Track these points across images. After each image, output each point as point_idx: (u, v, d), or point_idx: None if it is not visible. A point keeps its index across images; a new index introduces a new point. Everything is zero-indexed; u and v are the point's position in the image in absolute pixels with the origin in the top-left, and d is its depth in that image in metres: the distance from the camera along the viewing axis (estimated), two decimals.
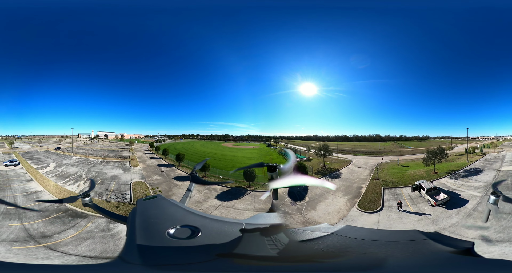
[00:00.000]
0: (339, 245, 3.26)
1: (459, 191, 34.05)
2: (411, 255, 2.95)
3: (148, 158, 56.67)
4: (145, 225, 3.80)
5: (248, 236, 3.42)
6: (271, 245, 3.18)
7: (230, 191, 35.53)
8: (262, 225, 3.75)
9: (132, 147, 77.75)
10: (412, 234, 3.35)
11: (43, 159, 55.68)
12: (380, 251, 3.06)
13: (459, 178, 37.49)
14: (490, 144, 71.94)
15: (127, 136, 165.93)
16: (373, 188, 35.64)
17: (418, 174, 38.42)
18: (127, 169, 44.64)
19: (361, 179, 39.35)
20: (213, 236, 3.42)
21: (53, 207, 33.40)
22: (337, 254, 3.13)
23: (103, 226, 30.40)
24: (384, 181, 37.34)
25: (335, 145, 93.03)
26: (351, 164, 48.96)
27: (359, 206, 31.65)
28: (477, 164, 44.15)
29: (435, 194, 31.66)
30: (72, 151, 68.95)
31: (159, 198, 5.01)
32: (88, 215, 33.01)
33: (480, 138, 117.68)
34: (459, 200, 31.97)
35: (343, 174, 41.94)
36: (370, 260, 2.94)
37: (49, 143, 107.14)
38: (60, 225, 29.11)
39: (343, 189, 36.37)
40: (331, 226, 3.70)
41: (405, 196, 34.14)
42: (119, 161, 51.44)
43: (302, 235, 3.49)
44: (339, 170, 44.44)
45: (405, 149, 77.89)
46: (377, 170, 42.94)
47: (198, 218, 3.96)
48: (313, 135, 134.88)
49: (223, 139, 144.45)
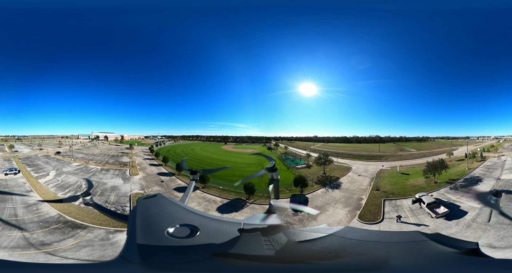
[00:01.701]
0: (337, 246, 3.21)
1: (459, 202, 34.10)
2: (413, 256, 2.90)
3: (148, 165, 56.65)
4: (145, 224, 3.86)
5: (245, 236, 3.40)
6: (267, 245, 3.16)
7: (230, 203, 35.54)
8: (260, 226, 3.74)
9: (132, 152, 77.67)
10: (414, 235, 3.29)
11: (43, 166, 55.64)
12: (380, 252, 3.01)
13: (459, 188, 37.46)
14: (490, 147, 71.80)
15: (127, 137, 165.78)
16: (373, 200, 35.64)
17: (418, 185, 38.37)
18: (126, 179, 44.60)
19: (361, 190, 39.34)
20: (211, 236, 3.43)
21: (53, 219, 33.67)
22: (334, 255, 3.08)
23: (103, 236, 30.86)
24: (385, 192, 37.32)
25: (335, 148, 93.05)
26: (351, 172, 48.89)
27: (359, 218, 31.89)
28: (477, 172, 44.11)
29: (435, 207, 31.79)
30: (72, 156, 68.90)
31: (159, 197, 5.06)
32: (87, 226, 33.24)
33: (480, 139, 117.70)
34: (458, 211, 32.17)
35: (343, 184, 41.89)
36: (370, 260, 2.89)
37: (49, 145, 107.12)
38: (60, 235, 29.73)
39: (344, 201, 36.39)
40: (330, 227, 3.65)
41: (405, 207, 34.20)
42: (119, 169, 51.40)
43: (300, 236, 3.46)
44: (339, 178, 44.40)
45: (405, 152, 77.79)
46: (377, 178, 42.91)
47: (198, 217, 3.98)
48: (313, 136, 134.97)
49: (223, 140, 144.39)
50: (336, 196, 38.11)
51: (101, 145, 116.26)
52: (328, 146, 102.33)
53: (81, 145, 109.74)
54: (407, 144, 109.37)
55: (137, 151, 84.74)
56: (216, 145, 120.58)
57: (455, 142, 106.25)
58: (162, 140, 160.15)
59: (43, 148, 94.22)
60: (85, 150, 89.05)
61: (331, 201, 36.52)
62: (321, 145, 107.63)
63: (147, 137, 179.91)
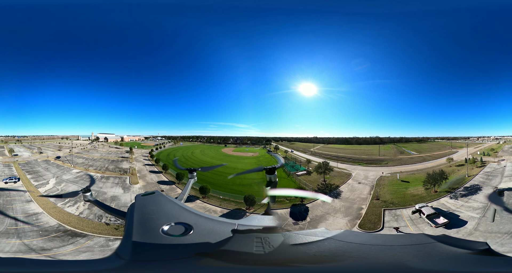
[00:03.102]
0: (334, 249, 3.06)
1: (458, 212, 34.23)
2: (422, 259, 2.75)
3: (148, 172, 56.69)
4: (142, 221, 3.87)
5: (237, 237, 3.34)
6: (258, 247, 3.07)
7: (230, 214, 35.67)
8: (255, 227, 3.69)
9: (132, 157, 77.72)
10: (419, 238, 3.13)
11: (43, 174, 55.68)
12: (384, 256, 2.86)
13: (459, 197, 37.51)
14: (490, 150, 71.81)
15: (127, 138, 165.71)
16: (373, 210, 35.75)
17: (418, 194, 38.41)
18: (126, 188, 44.69)
19: (361, 199, 39.39)
20: (204, 235, 3.42)
21: (53, 228, 33.99)
22: (330, 259, 2.94)
23: (102, 243, 31.40)
24: (385, 201, 37.38)
25: (335, 150, 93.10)
26: (350, 179, 48.91)
27: (359, 227, 32.32)
28: (477, 179, 44.19)
29: (435, 217, 32.09)
30: (72, 162, 68.92)
31: (157, 194, 5.12)
32: (87, 234, 33.52)
33: (480, 140, 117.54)
34: (458, 220, 32.45)
35: (343, 193, 41.95)
36: (370, 265, 2.77)
37: (49, 148, 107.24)
38: (59, 242, 30.49)
39: (344, 210, 36.47)
40: (328, 231, 3.46)
41: (405, 217, 34.35)
42: (119, 177, 51.44)
43: (295, 239, 3.31)
44: (339, 187, 44.43)
45: (405, 155, 77.83)
46: (378, 187, 42.97)
47: (193, 216, 3.98)
48: (313, 137, 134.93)
49: (223, 142, 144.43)
50: (336, 205, 38.20)
51: (101, 148, 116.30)
52: (328, 148, 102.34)
53: (81, 148, 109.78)
54: (407, 145, 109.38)
55: (137, 155, 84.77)
56: (216, 147, 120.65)
57: (455, 143, 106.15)
58: (162, 141, 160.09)
59: (43, 151, 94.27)
60: (85, 154, 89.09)
61: (331, 211, 36.62)
62: (321, 147, 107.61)
63: (147, 138, 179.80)
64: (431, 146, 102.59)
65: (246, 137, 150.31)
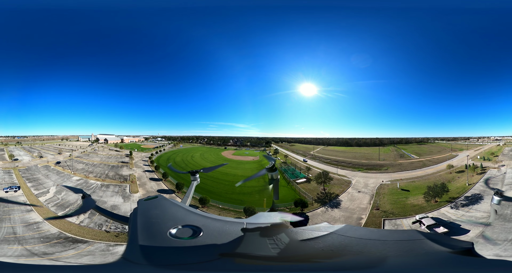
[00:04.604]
0: (338, 244, 3.29)
1: (459, 221, 34.22)
2: (408, 254, 2.96)
3: (148, 179, 56.68)
4: (147, 225, 3.89)
5: (249, 236, 3.45)
6: (272, 245, 3.21)
7: None
8: (263, 225, 3.77)
9: (132, 162, 77.75)
10: (411, 234, 3.36)
11: (43, 181, 55.68)
12: (377, 250, 3.06)
13: (460, 207, 37.45)
14: (490, 155, 71.69)
15: (127, 140, 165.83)
16: (373, 220, 35.73)
17: (418, 204, 38.33)
18: (126, 197, 44.71)
19: (361, 208, 39.34)
20: (215, 236, 3.47)
21: (54, 235, 34.38)
22: (335, 253, 3.15)
23: (103, 248, 31.82)
24: (384, 211, 37.34)
25: (335, 153, 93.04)
26: (350, 187, 48.79)
27: None
28: (477, 188, 44.08)
29: (435, 227, 32.30)
30: (72, 167, 68.93)
31: (160, 198, 5.12)
32: (87, 241, 33.83)
33: (480, 141, 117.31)
34: (459, 229, 32.57)
35: (343, 202, 41.87)
36: (368, 259, 2.95)
37: (49, 150, 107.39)
38: (61, 248, 30.91)
39: (343, 220, 36.46)
40: (331, 226, 3.71)
41: (405, 227, 34.37)
42: (119, 185, 51.42)
43: (302, 235, 3.52)
44: (338, 196, 44.35)
45: (405, 159, 77.73)
46: (377, 196, 42.95)
47: (200, 218, 4.00)
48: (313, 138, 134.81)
49: (223, 144, 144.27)
50: (335, 215, 38.19)
51: (101, 150, 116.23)
52: (328, 151, 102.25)
53: (81, 151, 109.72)
54: (407, 147, 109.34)
55: (137, 159, 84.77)
56: (216, 150, 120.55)
57: (455, 145, 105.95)
58: (162, 142, 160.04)
59: (43, 155, 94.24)
60: (85, 158, 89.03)
61: (330, 221, 36.59)
62: (321, 149, 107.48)
63: (147, 139, 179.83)
64: (431, 149, 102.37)
65: (246, 137, 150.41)
